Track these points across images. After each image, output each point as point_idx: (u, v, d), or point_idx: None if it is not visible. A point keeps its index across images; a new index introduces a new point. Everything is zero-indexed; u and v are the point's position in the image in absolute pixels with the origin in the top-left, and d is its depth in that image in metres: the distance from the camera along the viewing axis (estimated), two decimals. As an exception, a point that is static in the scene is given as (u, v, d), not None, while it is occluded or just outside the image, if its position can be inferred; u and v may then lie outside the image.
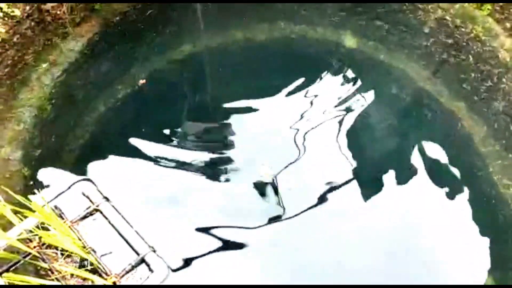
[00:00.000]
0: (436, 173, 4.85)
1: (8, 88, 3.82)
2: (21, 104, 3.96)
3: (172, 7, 5.08)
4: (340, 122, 5.24)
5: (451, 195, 4.76)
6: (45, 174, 3.63)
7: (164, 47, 5.37)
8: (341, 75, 5.63)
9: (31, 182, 3.66)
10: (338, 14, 5.52)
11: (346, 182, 4.75)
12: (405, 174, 4.83)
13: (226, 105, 5.31)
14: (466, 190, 4.77)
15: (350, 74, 5.64)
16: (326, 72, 5.61)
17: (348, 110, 5.38)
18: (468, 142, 5.01)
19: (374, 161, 5.02)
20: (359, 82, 5.58)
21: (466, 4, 4.75)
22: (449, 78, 5.19)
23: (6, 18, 3.61)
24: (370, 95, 5.48)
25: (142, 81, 5.22)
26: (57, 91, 4.34)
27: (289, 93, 5.48)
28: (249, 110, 5.41)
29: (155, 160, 4.78)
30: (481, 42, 4.68)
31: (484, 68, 4.76)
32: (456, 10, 4.77)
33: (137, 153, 4.81)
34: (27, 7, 3.89)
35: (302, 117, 5.28)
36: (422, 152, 5.04)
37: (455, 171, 4.89)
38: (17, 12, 3.72)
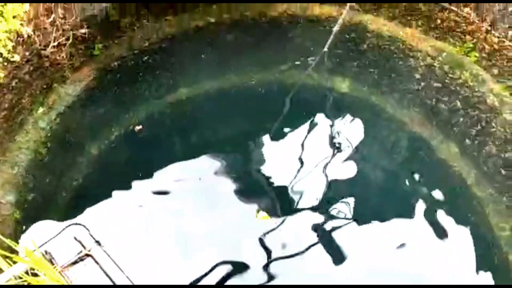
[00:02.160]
0: (431, 216, 4.84)
1: (4, 131, 3.84)
2: (17, 147, 3.97)
3: (169, 52, 5.22)
4: (334, 164, 5.28)
5: (447, 238, 4.74)
6: (37, 218, 3.60)
7: (160, 92, 5.47)
8: (335, 118, 5.72)
9: (23, 226, 3.60)
10: (332, 61, 5.68)
11: (340, 223, 4.74)
12: (399, 217, 4.82)
13: (222, 149, 5.35)
14: (461, 232, 4.75)
15: (344, 117, 5.73)
16: (320, 115, 5.70)
17: (342, 152, 5.43)
18: (462, 185, 5.04)
19: (367, 204, 5.01)
20: (352, 125, 5.67)
21: (454, 51, 4.93)
22: (440, 122, 5.28)
23: (5, 63, 3.68)
24: (363, 138, 5.55)
25: (138, 127, 5.28)
26: (53, 135, 4.38)
27: (284, 136, 5.55)
28: (244, 153, 5.47)
29: (149, 204, 4.75)
30: (470, 87, 4.82)
31: (473, 112, 4.87)
32: (444, 58, 4.94)
33: (130, 197, 4.77)
34: (27, 53, 3.99)
35: (296, 159, 5.32)
36: (416, 195, 5.06)
37: (451, 214, 4.88)
38: (17, 58, 3.79)
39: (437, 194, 5.04)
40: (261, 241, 4.60)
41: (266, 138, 5.49)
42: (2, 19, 3.60)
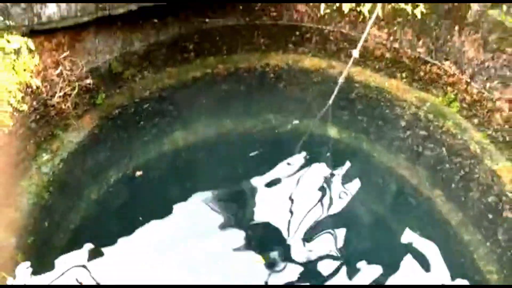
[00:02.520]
0: (419, 259, 4.97)
1: (10, 176, 4.01)
2: (20, 192, 4.13)
3: (168, 101, 5.50)
4: (323, 207, 5.46)
5: (434, 281, 4.84)
6: (36, 260, 3.70)
7: (158, 138, 5.69)
8: (326, 163, 5.94)
9: (25, 268, 3.70)
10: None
11: (332, 269, 4.84)
12: (387, 259, 4.94)
13: (217, 193, 5.52)
14: (449, 276, 4.86)
15: (334, 162, 5.96)
16: (311, 160, 5.92)
17: (332, 196, 5.62)
18: (449, 229, 5.20)
19: (355, 245, 5.14)
20: (342, 170, 5.88)
21: (437, 101, 5.23)
22: (427, 167, 5.50)
23: (14, 113, 3.91)
24: (353, 183, 5.75)
25: (139, 173, 5.46)
26: (55, 180, 4.54)
27: (276, 180, 5.75)
28: (239, 197, 5.64)
29: (147, 247, 4.85)
30: (453, 135, 5.08)
31: (457, 159, 5.11)
32: (427, 107, 5.24)
33: (129, 240, 4.89)
34: (34, 102, 4.23)
35: (288, 203, 5.48)
36: (404, 238, 5.20)
37: (438, 257, 5.01)
38: (25, 107, 4.03)
39: (424, 238, 5.19)
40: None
41: (259, 183, 5.67)
42: (14, 72, 3.87)
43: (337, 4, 5.03)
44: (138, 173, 5.48)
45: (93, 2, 4.08)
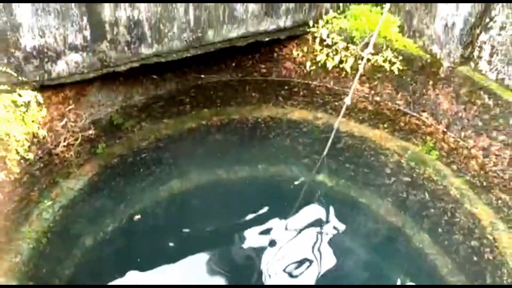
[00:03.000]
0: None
1: (12, 222, 4.19)
2: (21, 237, 4.29)
3: (165, 151, 5.79)
4: (314, 253, 5.63)
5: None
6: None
7: (154, 185, 5.93)
8: (315, 209, 6.17)
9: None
10: (312, 156, 6.29)
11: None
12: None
13: (212, 239, 5.69)
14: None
15: (323, 209, 6.19)
16: (301, 206, 6.15)
17: (321, 242, 5.80)
18: (436, 273, 5.37)
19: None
20: (331, 216, 6.11)
21: (417, 150, 5.58)
22: (412, 213, 5.75)
23: (21, 161, 4.17)
24: (341, 228, 5.96)
25: (137, 217, 5.64)
26: (54, 225, 4.71)
27: (266, 226, 5.96)
28: (232, 242, 5.81)
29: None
30: (434, 181, 5.37)
31: (440, 204, 5.37)
32: (409, 155, 5.56)
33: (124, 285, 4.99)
34: (39, 151, 4.50)
35: (277, 249, 5.68)
36: (392, 282, 5.34)
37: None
38: (31, 156, 4.30)
39: (412, 282, 5.34)
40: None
41: (249, 228, 5.88)
42: (23, 123, 4.18)
43: (322, 62, 5.51)
44: (137, 217, 5.66)
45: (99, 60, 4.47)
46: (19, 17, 3.84)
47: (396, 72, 5.25)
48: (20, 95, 4.10)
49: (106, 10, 4.21)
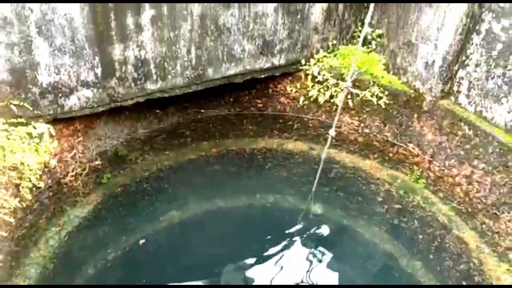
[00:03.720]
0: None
1: (21, 248, 4.41)
2: (29, 262, 4.50)
3: (166, 181, 6.07)
4: (312, 280, 5.82)
5: None
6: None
7: (155, 214, 6.17)
8: (310, 237, 6.40)
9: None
10: (307, 186, 6.56)
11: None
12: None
13: (211, 267, 5.88)
14: None
15: (318, 237, 6.42)
16: (297, 234, 6.39)
17: (319, 270, 6.00)
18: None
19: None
20: (328, 244, 6.33)
21: (406, 178, 5.88)
22: (405, 239, 5.99)
23: (33, 189, 4.44)
24: (337, 257, 6.17)
25: (142, 241, 5.85)
26: (59, 252, 4.92)
27: (266, 255, 6.15)
28: (230, 271, 6.00)
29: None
30: (423, 208, 5.65)
31: (429, 230, 5.63)
32: (398, 184, 5.87)
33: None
34: (50, 180, 4.78)
35: (272, 278, 5.87)
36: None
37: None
38: (42, 184, 4.56)
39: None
40: None
41: (246, 257, 6.10)
42: (36, 153, 4.48)
43: (314, 97, 5.90)
44: (141, 241, 5.86)
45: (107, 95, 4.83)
46: (37, 56, 4.22)
47: (383, 106, 5.63)
48: (35, 127, 4.41)
49: (116, 50, 4.61)
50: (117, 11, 4.42)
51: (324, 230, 6.53)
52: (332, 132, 5.38)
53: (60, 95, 4.54)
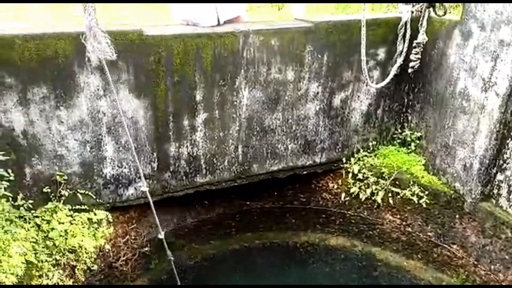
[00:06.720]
0: None
1: (70, 327, 4.71)
2: None
3: (207, 269, 6.27)
4: None
5: None
6: None
7: None
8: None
9: None
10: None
11: None
12: None
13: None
14: None
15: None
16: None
17: None
18: None
19: None
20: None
21: (452, 282, 5.67)
22: None
23: (87, 271, 4.85)
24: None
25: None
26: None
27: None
28: None
29: None
30: None
31: None
32: None
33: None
34: (102, 264, 5.19)
35: None
36: None
37: None
38: (95, 267, 4.98)
39: None
40: None
41: None
42: (94, 238, 4.96)
43: (355, 193, 6.09)
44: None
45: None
46: (105, 152, 4.89)
47: (424, 206, 5.70)
48: (95, 214, 4.96)
49: (172, 147, 5.21)
50: (176, 115, 5.10)
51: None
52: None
53: (120, 185, 5.11)
